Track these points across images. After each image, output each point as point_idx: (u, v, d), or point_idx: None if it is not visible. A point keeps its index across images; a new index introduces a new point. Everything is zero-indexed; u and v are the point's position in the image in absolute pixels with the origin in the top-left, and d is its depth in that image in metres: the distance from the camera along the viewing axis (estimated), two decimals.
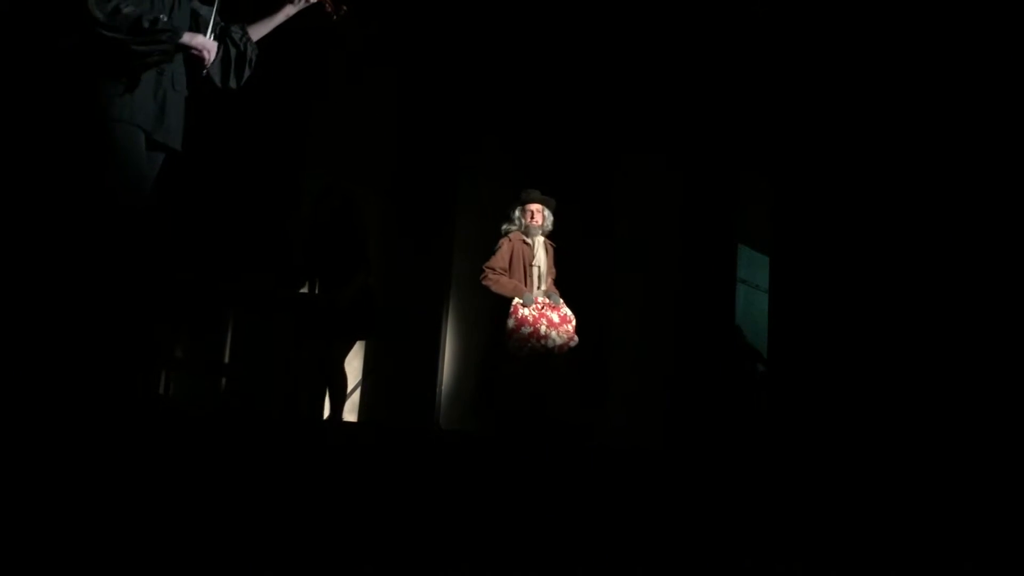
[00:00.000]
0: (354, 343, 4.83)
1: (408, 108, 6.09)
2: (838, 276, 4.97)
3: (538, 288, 4.84)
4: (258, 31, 3.10)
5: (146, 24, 2.70)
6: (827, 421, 4.78)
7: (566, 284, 5.21)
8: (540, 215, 4.97)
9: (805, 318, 5.14)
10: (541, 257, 4.91)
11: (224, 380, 4.86)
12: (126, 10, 2.67)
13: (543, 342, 4.67)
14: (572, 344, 4.77)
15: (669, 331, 6.05)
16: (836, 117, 5.07)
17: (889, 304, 4.72)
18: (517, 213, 4.98)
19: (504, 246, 4.91)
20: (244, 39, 3.04)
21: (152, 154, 2.85)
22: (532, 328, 4.68)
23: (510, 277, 4.82)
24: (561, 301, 4.86)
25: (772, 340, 5.58)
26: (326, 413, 4.60)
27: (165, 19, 2.78)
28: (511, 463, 3.38)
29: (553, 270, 5.04)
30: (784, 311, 5.38)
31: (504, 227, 5.00)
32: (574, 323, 4.81)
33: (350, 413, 5.84)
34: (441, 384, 6.05)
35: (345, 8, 3.18)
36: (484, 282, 4.84)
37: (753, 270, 6.98)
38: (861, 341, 4.79)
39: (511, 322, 4.68)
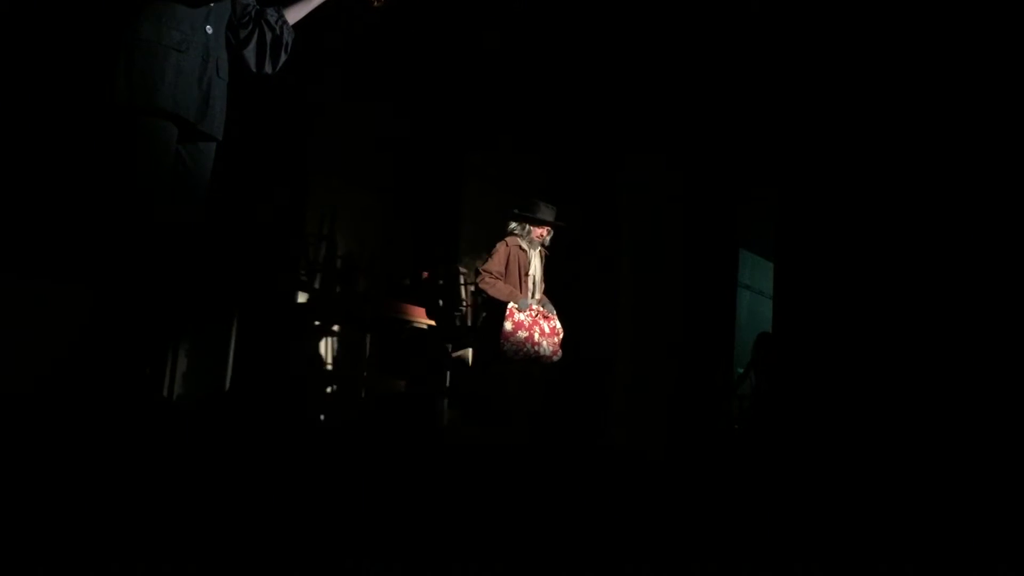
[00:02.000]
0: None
1: (412, 112, 6.11)
2: (842, 281, 4.96)
3: (532, 296, 4.88)
4: (295, 14, 2.97)
5: None
6: (831, 425, 4.77)
7: (569, 288, 5.21)
8: (547, 233, 5.00)
9: (809, 323, 5.12)
10: (536, 266, 4.95)
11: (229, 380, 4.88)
12: None
13: (536, 349, 4.72)
14: (555, 358, 4.80)
15: (673, 335, 6.04)
16: (840, 121, 5.07)
17: (894, 308, 4.71)
18: (528, 226, 5.00)
19: (501, 250, 4.92)
20: (280, 22, 2.91)
21: (203, 145, 2.76)
22: (528, 333, 4.71)
23: (505, 282, 4.85)
24: (554, 311, 4.89)
25: (776, 345, 5.57)
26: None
27: None
28: (514, 468, 3.38)
29: (542, 281, 5.06)
30: (788, 316, 5.37)
31: (510, 227, 5.00)
32: (561, 337, 4.84)
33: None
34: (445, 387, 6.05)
35: None
36: (481, 285, 4.88)
37: (758, 275, 6.98)
38: (866, 346, 4.78)
39: (508, 325, 4.71)
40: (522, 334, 4.70)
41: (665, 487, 3.29)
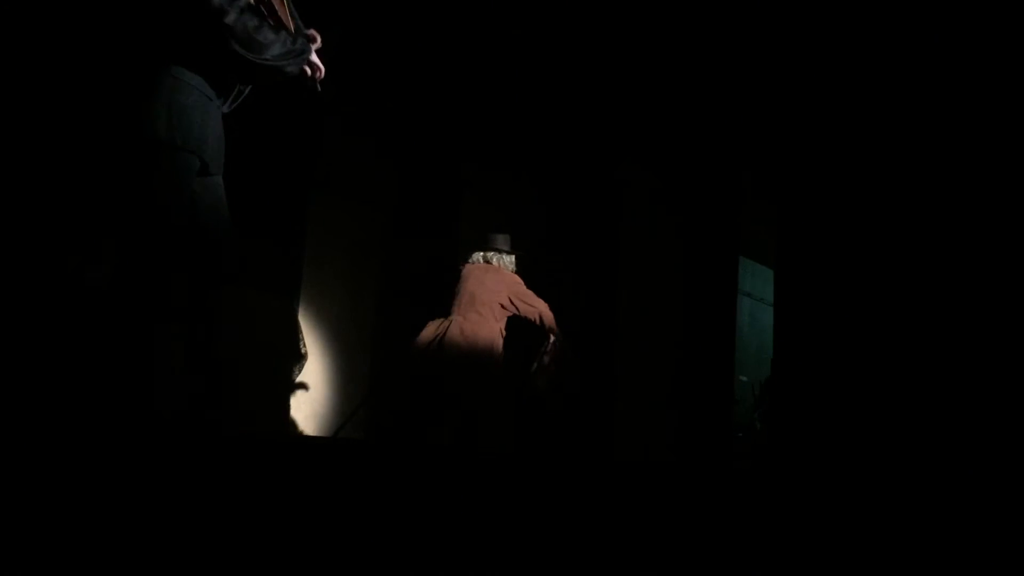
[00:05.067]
0: None
1: (412, 121, 6.11)
2: (843, 288, 4.96)
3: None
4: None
5: (294, 44, 2.79)
6: (832, 433, 4.76)
7: (570, 295, 5.21)
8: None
9: (810, 331, 5.12)
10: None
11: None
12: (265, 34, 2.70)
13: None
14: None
15: (674, 343, 6.04)
16: (841, 126, 5.08)
17: (896, 315, 4.70)
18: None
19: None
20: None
21: (216, 179, 2.86)
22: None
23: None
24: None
25: (777, 353, 5.55)
26: None
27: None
28: (515, 476, 3.37)
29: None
30: (789, 324, 5.36)
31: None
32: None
33: (355, 430, 5.83)
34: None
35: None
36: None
37: (758, 283, 6.97)
38: (867, 354, 4.77)
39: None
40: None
41: (667, 496, 3.28)
